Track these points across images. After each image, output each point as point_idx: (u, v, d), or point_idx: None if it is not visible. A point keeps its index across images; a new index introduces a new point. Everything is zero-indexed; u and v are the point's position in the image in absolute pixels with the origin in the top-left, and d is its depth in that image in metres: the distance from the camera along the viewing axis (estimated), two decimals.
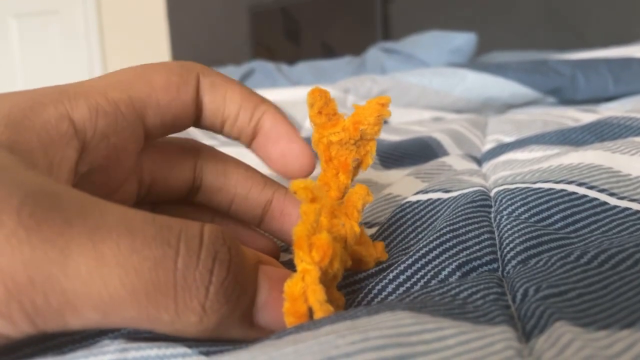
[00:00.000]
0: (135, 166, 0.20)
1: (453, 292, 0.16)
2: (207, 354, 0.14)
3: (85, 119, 0.17)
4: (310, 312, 0.15)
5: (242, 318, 0.15)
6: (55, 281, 0.12)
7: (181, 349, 0.14)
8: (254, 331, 0.15)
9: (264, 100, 0.21)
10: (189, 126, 0.21)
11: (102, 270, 0.13)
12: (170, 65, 0.20)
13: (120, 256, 0.13)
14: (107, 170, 0.19)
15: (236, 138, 0.21)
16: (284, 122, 0.20)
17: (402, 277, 0.18)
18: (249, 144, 0.21)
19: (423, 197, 0.25)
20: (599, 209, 0.21)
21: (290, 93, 0.83)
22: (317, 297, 0.15)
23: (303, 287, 0.15)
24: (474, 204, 0.22)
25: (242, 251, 0.15)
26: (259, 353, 0.12)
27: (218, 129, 0.21)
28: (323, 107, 0.20)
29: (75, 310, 0.13)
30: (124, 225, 0.13)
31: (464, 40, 1.17)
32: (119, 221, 0.13)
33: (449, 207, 0.23)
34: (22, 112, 0.16)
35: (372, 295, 0.18)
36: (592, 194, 0.22)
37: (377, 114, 0.19)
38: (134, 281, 0.13)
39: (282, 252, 0.24)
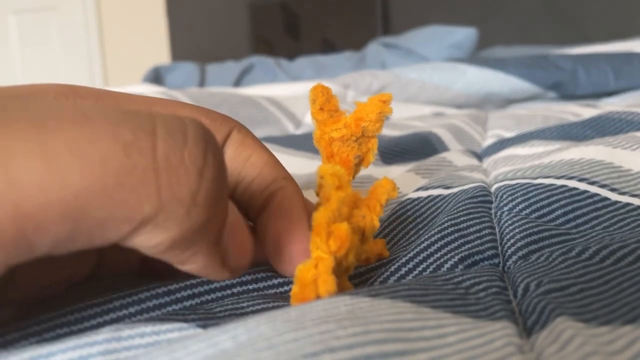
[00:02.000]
0: None
1: (456, 280, 0.16)
2: (203, 326, 0.14)
3: None
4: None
5: (216, 234, 0.13)
6: (1, 198, 0.10)
7: (177, 324, 0.14)
8: (216, 260, 0.14)
9: (287, 176, 0.19)
10: None
11: (56, 169, 0.11)
12: (206, 110, 0.19)
13: (76, 146, 0.11)
14: None
15: (245, 206, 0.19)
16: (296, 203, 0.18)
17: (404, 270, 0.18)
18: (255, 217, 0.19)
19: (423, 193, 0.25)
20: (600, 205, 0.21)
21: (290, 88, 0.83)
22: (327, 288, 0.15)
23: (315, 274, 0.15)
24: (475, 200, 0.22)
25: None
26: (257, 334, 0.12)
27: (230, 189, 0.19)
28: (325, 103, 0.20)
29: (38, 226, 0.11)
30: (80, 113, 0.11)
31: (465, 35, 1.17)
32: (74, 110, 0.11)
33: (449, 203, 0.23)
34: (27, 94, 0.15)
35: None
36: (593, 189, 0.22)
37: (378, 111, 0.19)
38: (99, 172, 0.11)
39: None
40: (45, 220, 0.11)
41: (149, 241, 0.12)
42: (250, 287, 0.18)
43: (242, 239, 0.16)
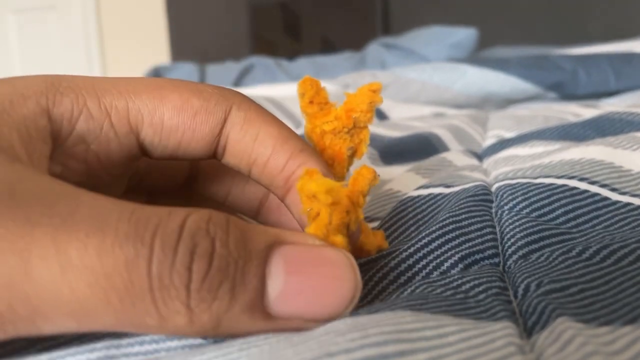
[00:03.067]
0: (125, 173, 0.19)
1: (455, 284, 0.16)
2: (205, 337, 0.14)
3: (64, 118, 0.16)
4: None
5: (250, 311, 0.13)
6: (18, 288, 0.11)
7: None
8: (273, 323, 0.13)
9: (303, 148, 0.18)
10: (203, 158, 0.18)
11: (67, 275, 0.12)
12: (204, 87, 0.18)
13: (87, 258, 0.12)
14: (88, 175, 0.17)
15: (266, 185, 0.18)
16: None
17: (403, 266, 0.18)
18: (281, 198, 0.18)
19: (424, 192, 0.25)
20: (600, 204, 0.21)
21: (290, 88, 0.83)
22: None
23: None
24: (476, 198, 0.22)
25: (242, 236, 0.13)
26: (256, 351, 0.12)
27: (244, 171, 0.18)
28: (314, 96, 0.19)
29: (46, 318, 0.12)
30: (95, 221, 0.12)
31: (465, 35, 1.17)
32: (90, 217, 0.12)
33: (450, 201, 0.23)
34: (1, 106, 0.15)
35: (373, 282, 0.18)
36: (594, 189, 0.22)
37: (369, 101, 0.19)
38: (104, 286, 0.12)
39: None
40: (53, 317, 0.12)
41: (171, 334, 0.13)
42: None
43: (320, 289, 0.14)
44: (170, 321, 0.12)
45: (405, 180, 0.29)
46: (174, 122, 0.17)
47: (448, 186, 0.25)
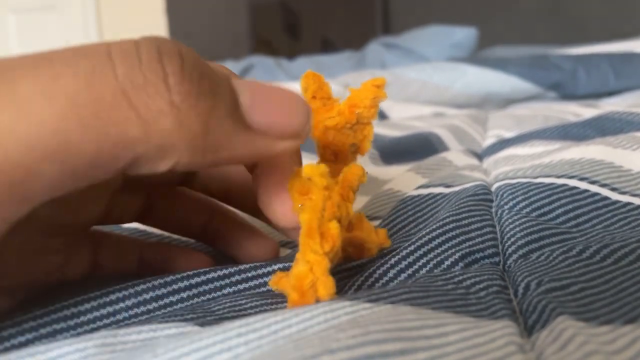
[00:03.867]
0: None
1: (456, 279, 0.16)
2: (201, 325, 0.14)
3: None
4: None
5: (233, 116, 0.13)
6: None
7: (174, 324, 0.14)
8: (253, 135, 0.14)
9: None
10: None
11: (28, 110, 0.11)
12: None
13: (41, 87, 0.11)
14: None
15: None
16: (287, 158, 0.18)
17: (403, 263, 0.18)
18: (251, 170, 0.18)
19: (424, 191, 0.25)
20: (600, 204, 0.21)
21: (289, 88, 0.83)
22: (327, 291, 0.15)
23: (313, 279, 0.15)
24: (476, 197, 0.22)
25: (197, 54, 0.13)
26: (254, 338, 0.12)
27: None
28: (317, 91, 0.19)
29: (27, 171, 0.11)
30: (41, 57, 0.12)
31: (465, 34, 1.17)
32: (37, 59, 0.12)
33: (450, 201, 0.23)
34: None
35: (372, 279, 0.18)
36: (594, 188, 0.22)
37: (372, 96, 0.18)
38: (68, 106, 0.11)
39: (281, 247, 0.24)
40: (31, 164, 0.11)
41: (169, 160, 0.13)
42: (250, 274, 0.18)
43: (284, 101, 0.15)
44: (156, 125, 0.12)
45: (405, 179, 0.29)
46: None
47: (448, 186, 0.25)
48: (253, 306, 0.16)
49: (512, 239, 0.19)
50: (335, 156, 0.19)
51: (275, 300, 0.17)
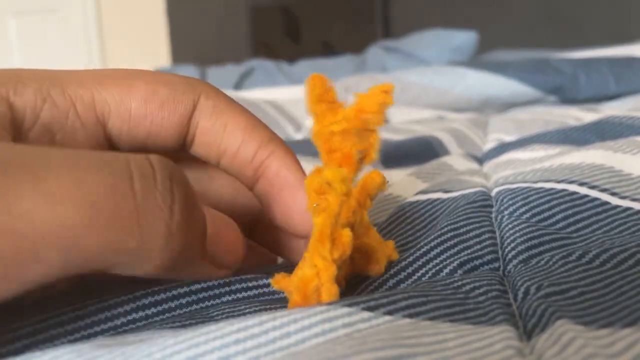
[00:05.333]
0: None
1: (455, 284, 0.16)
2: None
3: (28, 107, 0.16)
4: None
5: (199, 249, 0.15)
6: (5, 227, 0.12)
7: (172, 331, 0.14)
8: (205, 262, 0.16)
9: (272, 137, 0.18)
10: (171, 149, 0.18)
11: (54, 207, 0.12)
12: (170, 77, 0.18)
13: (65, 189, 0.12)
14: None
15: (235, 175, 0.19)
16: (293, 168, 0.18)
17: (403, 274, 0.18)
18: (250, 186, 0.19)
19: (422, 197, 0.25)
20: (600, 209, 0.21)
21: (290, 91, 0.83)
22: (331, 298, 0.15)
23: (317, 284, 0.15)
24: (475, 205, 0.22)
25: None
26: (254, 356, 0.12)
27: (213, 161, 0.19)
28: (323, 94, 0.18)
29: (35, 254, 0.12)
30: (68, 161, 0.13)
31: (465, 38, 1.17)
32: (62, 159, 0.13)
33: (448, 207, 0.23)
34: None
35: (371, 288, 0.18)
36: (594, 193, 0.22)
37: (380, 102, 0.18)
38: (89, 211, 0.12)
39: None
40: (42, 249, 0.12)
41: (138, 270, 0.14)
42: (250, 284, 0.18)
43: (231, 239, 0.17)
44: (150, 242, 0.13)
45: (405, 184, 0.30)
46: (141, 112, 0.17)
47: (447, 191, 0.25)
48: (252, 312, 0.16)
49: (512, 245, 0.19)
50: (341, 163, 0.18)
51: (275, 307, 0.17)
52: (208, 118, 0.18)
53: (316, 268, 0.15)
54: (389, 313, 0.14)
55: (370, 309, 0.14)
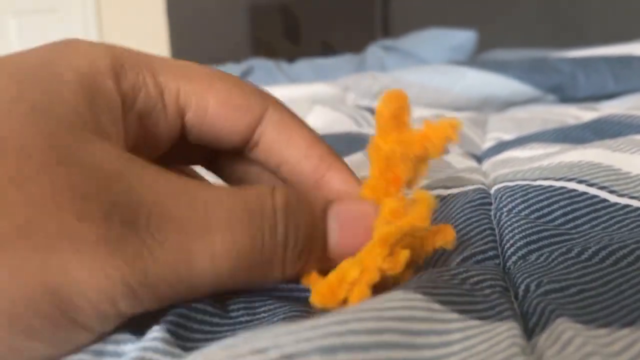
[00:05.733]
0: (165, 151, 0.19)
1: (461, 276, 0.16)
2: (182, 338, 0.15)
3: (128, 94, 0.17)
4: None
5: (319, 261, 0.17)
6: (183, 280, 0.15)
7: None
8: (331, 262, 0.17)
9: (331, 152, 0.19)
10: (230, 149, 0.19)
11: (216, 264, 0.15)
12: (244, 84, 0.19)
13: (225, 249, 0.15)
14: (135, 149, 0.18)
15: (293, 183, 0.20)
16: (352, 181, 0.19)
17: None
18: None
19: None
20: (599, 206, 0.21)
21: (289, 90, 0.83)
22: (359, 300, 0.15)
23: (356, 280, 0.15)
24: (473, 204, 0.22)
25: (309, 202, 0.17)
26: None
27: (271, 167, 0.20)
28: (397, 110, 0.18)
29: (194, 293, 0.15)
30: (225, 220, 0.15)
31: (464, 38, 1.17)
32: (220, 218, 0.15)
33: (447, 206, 0.23)
34: (89, 85, 0.16)
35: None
36: (593, 191, 0.22)
37: (445, 137, 0.18)
38: (234, 264, 0.15)
39: None
40: (200, 288, 0.15)
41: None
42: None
43: (360, 232, 0.17)
44: (270, 277, 0.16)
45: None
46: (216, 112, 0.18)
47: (447, 188, 0.26)
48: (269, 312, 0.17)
49: (511, 241, 0.19)
50: (388, 183, 0.18)
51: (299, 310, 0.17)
52: (273, 129, 0.19)
53: (363, 266, 0.15)
54: (403, 289, 0.14)
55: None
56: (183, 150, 0.20)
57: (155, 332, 0.14)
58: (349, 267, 0.16)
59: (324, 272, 0.17)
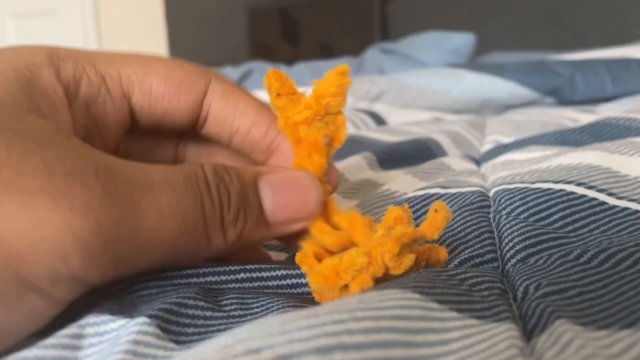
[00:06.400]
0: (119, 140, 0.20)
1: (459, 277, 0.16)
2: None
3: (70, 83, 0.17)
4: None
5: (258, 223, 0.17)
6: (135, 235, 0.15)
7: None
8: (273, 229, 0.18)
9: (276, 117, 0.20)
10: (184, 128, 0.20)
11: (164, 222, 0.15)
12: (183, 62, 0.20)
13: (171, 207, 0.15)
14: (84, 140, 0.18)
15: (247, 152, 0.21)
16: None
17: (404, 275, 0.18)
18: (264, 161, 0.21)
19: (419, 192, 0.25)
20: (598, 209, 0.21)
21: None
22: (360, 290, 0.15)
23: (360, 270, 0.16)
24: (472, 206, 0.22)
25: (237, 171, 0.17)
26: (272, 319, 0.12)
27: (224, 140, 0.20)
28: (281, 88, 0.18)
29: (148, 255, 0.15)
30: (167, 182, 0.16)
31: (463, 40, 1.17)
32: (162, 180, 0.16)
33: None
34: (24, 76, 0.16)
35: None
36: (591, 193, 0.22)
37: (337, 84, 0.18)
38: (182, 225, 0.16)
39: (278, 252, 0.24)
40: (152, 251, 0.16)
41: (201, 258, 0.18)
42: (254, 275, 0.18)
43: (299, 197, 0.18)
44: (213, 242, 0.17)
45: (402, 182, 0.30)
46: (160, 91, 0.19)
47: (445, 187, 0.26)
48: (260, 306, 0.17)
49: (510, 244, 0.19)
50: (309, 151, 0.19)
51: (294, 303, 0.17)
52: (220, 100, 0.20)
53: (369, 257, 0.16)
54: (400, 288, 0.14)
55: (379, 289, 0.14)
56: (141, 149, 0.21)
57: (145, 326, 0.14)
58: (357, 255, 0.16)
59: (319, 258, 0.17)
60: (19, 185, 0.13)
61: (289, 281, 0.18)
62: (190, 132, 0.21)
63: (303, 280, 0.18)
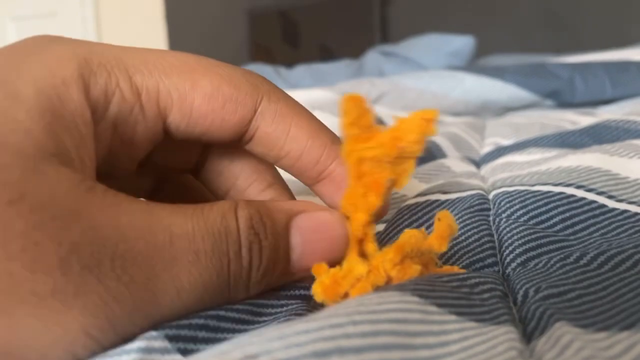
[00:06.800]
0: (142, 155, 0.18)
1: (461, 277, 0.16)
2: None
3: (99, 102, 0.15)
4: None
5: (281, 275, 0.16)
6: (149, 316, 0.14)
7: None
8: (293, 276, 0.17)
9: (335, 140, 0.18)
10: (224, 144, 0.18)
11: (182, 298, 0.15)
12: (233, 73, 0.17)
13: (191, 283, 0.15)
14: (108, 157, 0.17)
15: (294, 175, 0.19)
16: None
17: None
18: (309, 184, 0.19)
19: (421, 199, 0.25)
20: (597, 212, 0.21)
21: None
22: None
23: (361, 275, 0.15)
24: (472, 209, 0.22)
25: (273, 219, 0.16)
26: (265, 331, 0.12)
27: (270, 160, 0.19)
28: (358, 118, 0.17)
29: (160, 322, 0.15)
30: (191, 251, 0.15)
31: (462, 43, 1.17)
32: (185, 250, 0.14)
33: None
34: (50, 101, 0.14)
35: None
36: (591, 196, 0.22)
37: (420, 131, 0.16)
38: (204, 294, 0.15)
39: None
40: (177, 311, 0.15)
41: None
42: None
43: (325, 245, 0.17)
44: (234, 299, 0.16)
45: None
46: (203, 110, 0.17)
47: (445, 192, 0.26)
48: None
49: (510, 248, 0.19)
50: (368, 189, 0.17)
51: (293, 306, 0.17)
52: (270, 123, 0.17)
53: (371, 267, 0.16)
54: (399, 290, 0.14)
55: (379, 292, 0.14)
56: (168, 149, 0.19)
57: (160, 341, 0.14)
58: (356, 263, 0.16)
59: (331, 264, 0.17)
60: (31, 287, 0.12)
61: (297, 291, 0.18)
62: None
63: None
